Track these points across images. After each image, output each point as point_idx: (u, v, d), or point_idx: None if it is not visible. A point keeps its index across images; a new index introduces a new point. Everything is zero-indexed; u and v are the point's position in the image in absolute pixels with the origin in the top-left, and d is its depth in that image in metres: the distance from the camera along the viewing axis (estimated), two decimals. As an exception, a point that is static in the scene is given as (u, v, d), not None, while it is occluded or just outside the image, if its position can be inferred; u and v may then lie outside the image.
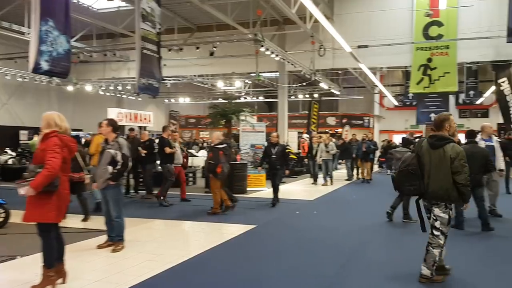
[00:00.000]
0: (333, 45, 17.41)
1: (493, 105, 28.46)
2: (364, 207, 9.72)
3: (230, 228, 7.28)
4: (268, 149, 9.57)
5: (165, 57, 18.82)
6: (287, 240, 6.56)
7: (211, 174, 8.38)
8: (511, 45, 15.82)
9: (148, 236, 6.68)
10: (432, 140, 4.39)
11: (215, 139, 8.65)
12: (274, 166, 9.39)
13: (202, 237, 6.83)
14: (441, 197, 4.29)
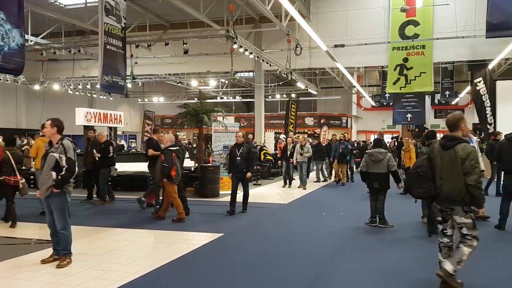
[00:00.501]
0: (309, 44, 17.06)
1: (468, 105, 28.67)
2: (337, 211, 9.24)
3: (194, 237, 6.67)
4: (232, 150, 8.68)
5: (137, 55, 18.24)
6: (255, 250, 5.99)
7: (166, 178, 7.75)
8: (486, 45, 15.76)
9: (100, 248, 6.01)
10: (444, 141, 4.24)
11: (167, 141, 8.10)
12: (239, 169, 8.49)
13: (160, 248, 6.18)
14: (454, 199, 4.11)
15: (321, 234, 6.97)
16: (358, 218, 7.89)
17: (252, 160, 8.85)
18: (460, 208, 4.10)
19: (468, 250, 4.12)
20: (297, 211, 9.26)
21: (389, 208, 7.56)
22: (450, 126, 4.30)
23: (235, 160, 8.51)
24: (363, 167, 7.43)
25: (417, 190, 4.34)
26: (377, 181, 7.26)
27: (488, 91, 16.06)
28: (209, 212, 8.81)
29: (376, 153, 7.37)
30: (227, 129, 11.32)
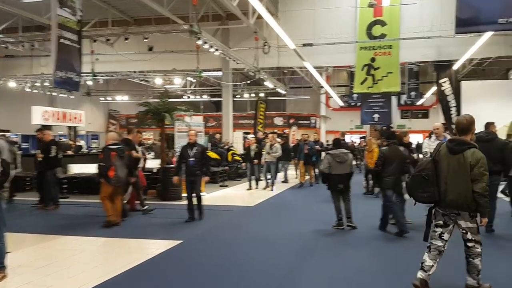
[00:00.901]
0: (277, 42, 16.68)
1: (433, 105, 29.16)
2: (304, 214, 8.92)
3: (150, 245, 6.14)
4: (184, 151, 7.78)
5: (98, 51, 17.41)
6: (215, 258, 5.54)
7: (103, 178, 7.21)
8: (452, 46, 15.92)
9: (44, 259, 5.40)
10: (452, 144, 4.05)
11: (109, 139, 7.58)
12: (192, 171, 7.69)
13: (111, 258, 5.61)
14: (460, 206, 3.96)
15: (286, 239, 6.59)
16: (324, 221, 7.58)
17: (207, 162, 8.06)
18: (466, 213, 3.97)
19: (478, 260, 4.03)
20: (263, 214, 8.87)
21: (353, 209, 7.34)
22: (461, 129, 4.08)
23: (187, 162, 7.68)
24: (325, 168, 7.13)
25: (421, 194, 4.11)
26: (342, 182, 7.07)
27: (453, 91, 16.22)
28: (169, 217, 8.28)
29: (342, 153, 7.17)
30: (191, 129, 10.76)
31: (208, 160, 8.06)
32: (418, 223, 7.38)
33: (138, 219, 8.07)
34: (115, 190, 7.37)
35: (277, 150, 12.16)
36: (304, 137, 13.90)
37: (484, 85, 15.98)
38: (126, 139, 8.58)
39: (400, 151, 6.99)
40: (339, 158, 7.09)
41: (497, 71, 21.90)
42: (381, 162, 6.76)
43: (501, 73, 20.80)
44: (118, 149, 7.28)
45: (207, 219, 8.04)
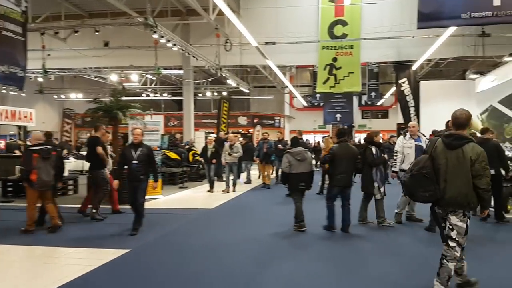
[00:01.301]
0: (240, 40, 16.32)
1: (392, 106, 29.72)
2: (262, 216, 8.60)
3: (94, 255, 5.59)
4: (127, 152, 6.78)
5: (51, 47, 16.40)
6: (168, 268, 5.09)
7: (25, 182, 6.68)
8: (411, 46, 16.09)
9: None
10: (449, 139, 3.86)
11: (33, 139, 7.01)
12: (135, 176, 6.65)
13: (45, 271, 5.00)
14: (460, 204, 3.78)
15: (245, 243, 6.23)
16: (283, 223, 7.29)
17: (154, 165, 7.01)
18: (461, 212, 3.81)
19: (452, 264, 3.83)
20: (222, 217, 8.44)
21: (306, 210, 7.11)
22: (459, 124, 3.91)
23: (130, 164, 6.67)
24: (286, 167, 6.84)
25: (422, 194, 3.88)
26: (303, 181, 6.84)
27: (412, 91, 16.42)
28: (119, 222, 7.68)
29: (302, 151, 6.93)
30: (146, 127, 10.18)
31: (155, 164, 7.08)
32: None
33: (84, 225, 7.44)
34: (43, 195, 6.78)
35: (238, 150, 11.67)
36: (265, 136, 13.50)
37: (442, 85, 16.25)
38: (94, 137, 7.94)
39: (351, 148, 6.95)
40: (299, 156, 6.85)
41: (454, 72, 22.47)
42: (329, 159, 6.78)
43: (458, 74, 21.34)
44: (41, 150, 6.65)
45: (160, 224, 7.53)
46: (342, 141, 6.96)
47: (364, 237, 6.55)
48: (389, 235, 6.71)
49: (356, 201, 7.04)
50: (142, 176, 6.71)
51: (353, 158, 6.80)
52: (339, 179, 6.67)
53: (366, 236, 6.64)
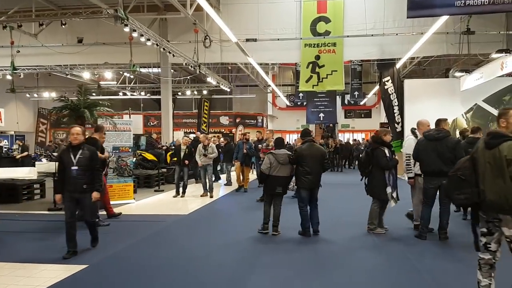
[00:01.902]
0: (220, 37, 15.71)
1: (376, 105, 29.44)
2: (238, 221, 7.96)
3: (43, 272, 4.83)
4: (65, 157, 5.44)
5: (21, 43, 15.42)
6: (130, 286, 4.37)
7: None
8: (395, 44, 15.68)
9: None
10: (487, 138, 3.55)
11: None
12: (76, 185, 5.33)
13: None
14: (501, 208, 3.39)
15: (218, 253, 5.59)
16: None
17: (97, 171, 5.62)
18: (509, 218, 3.38)
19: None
20: (196, 224, 7.74)
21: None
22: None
23: (69, 171, 5.34)
24: (266, 168, 6.47)
25: (458, 196, 3.62)
26: (281, 185, 6.51)
27: (396, 90, 15.97)
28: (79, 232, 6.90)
29: (285, 154, 6.54)
30: (116, 127, 9.41)
31: (97, 170, 5.66)
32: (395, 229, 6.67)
33: (44, 235, 6.66)
34: None
35: (212, 150, 10.82)
36: (247, 136, 12.25)
37: (426, 84, 15.79)
38: (93, 138, 7.27)
39: (317, 148, 6.61)
40: (282, 159, 6.47)
41: (437, 71, 22.23)
42: (293, 160, 6.45)
43: (440, 73, 21.09)
44: None
45: (127, 234, 6.80)
46: (308, 141, 6.61)
47: (377, 249, 5.96)
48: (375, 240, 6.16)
49: (358, 205, 6.44)
50: (85, 186, 5.38)
51: (320, 159, 6.45)
52: (305, 181, 6.38)
53: (378, 248, 6.05)
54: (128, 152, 9.77)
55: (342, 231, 6.83)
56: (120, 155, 9.66)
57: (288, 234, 6.58)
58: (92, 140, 7.19)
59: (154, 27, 15.40)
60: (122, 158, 9.66)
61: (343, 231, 6.83)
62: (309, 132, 6.96)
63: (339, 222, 7.65)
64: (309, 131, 7.10)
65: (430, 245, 5.98)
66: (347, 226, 7.19)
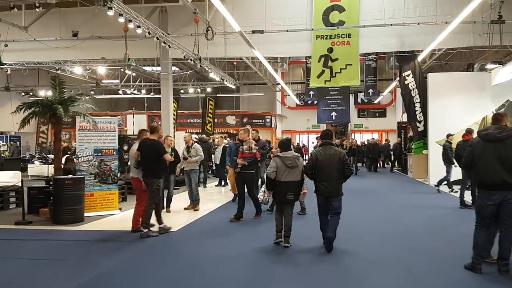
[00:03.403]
0: (224, 29, 14.22)
1: (391, 103, 27.66)
2: (238, 239, 6.42)
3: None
4: None
5: (13, 38, 14.17)
6: None
7: None
8: (415, 35, 14.03)
9: None
10: None
11: None
12: None
13: None
14: None
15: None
16: (261, 253, 5.27)
17: None
18: None
19: None
20: (184, 245, 6.14)
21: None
22: None
23: None
24: (272, 173, 5.80)
25: None
26: (292, 191, 5.83)
27: (418, 85, 14.33)
28: (36, 255, 5.46)
29: (293, 157, 5.89)
30: (97, 126, 7.95)
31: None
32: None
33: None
34: None
35: (196, 152, 8.76)
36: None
37: (453, 78, 14.05)
38: (157, 141, 6.69)
39: (335, 151, 5.73)
40: (290, 162, 5.82)
41: (457, 66, 20.40)
42: (310, 166, 5.76)
43: (462, 69, 19.28)
44: None
45: (93, 261, 5.29)
46: (325, 143, 5.84)
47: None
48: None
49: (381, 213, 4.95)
50: None
51: (338, 163, 5.61)
52: (321, 188, 5.66)
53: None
54: (112, 155, 8.30)
55: (364, 244, 5.98)
56: (102, 158, 8.20)
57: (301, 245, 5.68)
58: (156, 142, 6.64)
59: (153, 19, 14.01)
60: (105, 162, 8.21)
61: (364, 244, 5.97)
62: (329, 134, 6.09)
63: (359, 232, 6.64)
64: (330, 132, 6.20)
65: (486, 280, 4.40)
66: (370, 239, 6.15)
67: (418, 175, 15.09)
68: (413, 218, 8.08)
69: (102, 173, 8.14)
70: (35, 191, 8.20)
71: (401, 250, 5.71)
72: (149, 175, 6.49)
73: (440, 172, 12.16)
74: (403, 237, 6.45)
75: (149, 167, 6.50)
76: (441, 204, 9.91)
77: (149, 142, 6.55)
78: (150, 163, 6.49)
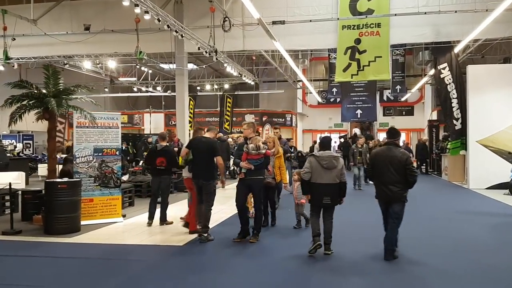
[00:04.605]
0: (243, 20, 13.15)
1: (420, 101, 26.00)
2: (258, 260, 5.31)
3: None
4: None
5: (22, 32, 13.47)
6: None
7: None
8: (453, 24, 12.63)
9: None
10: None
11: None
12: None
13: None
14: None
15: None
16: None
17: None
18: None
19: None
20: (192, 267, 5.04)
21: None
22: None
23: None
24: (306, 174, 5.32)
25: None
26: (328, 194, 5.27)
27: (455, 79, 12.89)
28: (22, 274, 4.47)
29: (330, 157, 5.35)
30: (96, 123, 6.92)
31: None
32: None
33: None
34: None
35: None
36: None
37: (496, 70, 12.54)
38: (214, 141, 6.27)
39: (397, 153, 5.10)
40: (326, 163, 5.27)
41: (491, 60, 18.66)
42: (369, 167, 5.47)
43: (497, 63, 17.61)
44: None
45: (82, 286, 4.25)
46: (389, 143, 5.28)
47: None
48: None
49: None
50: None
51: (398, 166, 5.00)
52: (380, 192, 5.20)
53: None
54: (115, 156, 7.28)
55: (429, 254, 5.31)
56: (104, 159, 7.18)
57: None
58: (213, 141, 6.21)
59: (168, 11, 13.06)
60: (107, 163, 7.19)
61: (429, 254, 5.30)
62: (393, 132, 5.41)
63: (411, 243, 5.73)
64: (395, 130, 5.47)
65: None
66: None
67: (454, 178, 13.64)
68: (471, 227, 7.01)
69: (103, 175, 7.14)
70: (28, 196, 7.26)
71: (473, 262, 5.03)
72: (207, 177, 5.91)
73: (481, 175, 10.80)
74: (468, 247, 5.72)
75: (205, 168, 5.94)
76: (492, 211, 8.64)
77: (204, 140, 6.07)
78: (204, 163, 5.94)
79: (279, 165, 6.92)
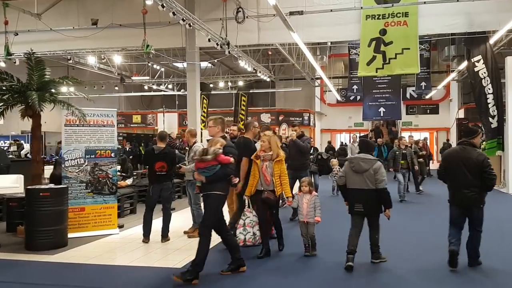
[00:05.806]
0: (258, 11, 12.16)
1: (445, 98, 24.45)
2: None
3: None
4: None
5: (20, 26, 12.77)
6: None
7: None
8: (487, 12, 11.33)
9: None
10: None
11: None
12: None
13: None
14: None
15: None
16: None
17: None
18: None
19: None
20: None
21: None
22: None
23: None
24: (339, 178, 5.08)
25: None
26: (360, 201, 4.75)
27: (490, 73, 11.59)
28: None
29: (357, 159, 4.87)
30: (86, 121, 5.99)
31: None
32: None
33: None
34: None
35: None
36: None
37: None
38: (245, 139, 5.60)
39: (472, 154, 4.58)
40: (354, 165, 4.80)
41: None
42: (442, 170, 4.96)
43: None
44: None
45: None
46: (462, 142, 4.78)
47: None
48: None
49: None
50: None
51: (474, 168, 4.52)
52: (454, 196, 4.74)
53: None
54: (109, 158, 6.33)
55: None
56: (97, 162, 6.24)
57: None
58: (245, 141, 5.58)
59: (179, 3, 12.19)
60: (101, 167, 6.25)
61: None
62: (472, 130, 4.85)
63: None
64: (472, 128, 4.98)
65: None
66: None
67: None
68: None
69: (96, 180, 6.19)
70: (14, 203, 6.38)
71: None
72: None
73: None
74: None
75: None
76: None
77: (243, 140, 5.68)
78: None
79: (280, 173, 5.14)
